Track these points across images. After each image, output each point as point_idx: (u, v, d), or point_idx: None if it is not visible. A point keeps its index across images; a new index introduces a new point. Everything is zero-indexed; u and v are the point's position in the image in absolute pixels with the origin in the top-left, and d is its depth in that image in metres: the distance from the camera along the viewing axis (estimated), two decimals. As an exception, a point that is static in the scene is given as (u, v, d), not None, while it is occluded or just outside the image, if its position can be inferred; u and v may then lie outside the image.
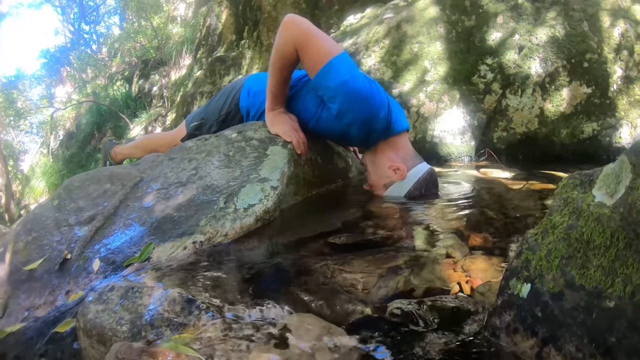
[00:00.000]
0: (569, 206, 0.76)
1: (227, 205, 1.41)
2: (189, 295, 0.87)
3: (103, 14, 18.36)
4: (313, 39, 1.67)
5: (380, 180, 1.88)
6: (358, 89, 1.67)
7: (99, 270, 1.26)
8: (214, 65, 6.64)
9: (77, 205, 1.58)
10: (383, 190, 1.87)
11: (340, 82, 1.65)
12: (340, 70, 1.65)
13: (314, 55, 1.67)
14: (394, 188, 1.84)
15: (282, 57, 1.73)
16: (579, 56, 3.29)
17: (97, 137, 11.57)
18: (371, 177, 1.92)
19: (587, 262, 0.69)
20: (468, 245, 1.21)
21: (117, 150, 2.96)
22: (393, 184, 1.84)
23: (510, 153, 3.37)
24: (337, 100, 1.70)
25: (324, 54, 1.66)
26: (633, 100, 3.38)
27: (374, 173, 1.90)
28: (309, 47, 1.67)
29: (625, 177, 0.70)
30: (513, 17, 3.43)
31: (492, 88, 3.36)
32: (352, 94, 1.67)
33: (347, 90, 1.66)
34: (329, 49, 1.67)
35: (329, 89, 1.69)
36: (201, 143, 1.83)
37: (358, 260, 1.08)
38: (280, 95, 1.85)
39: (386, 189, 1.86)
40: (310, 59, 1.69)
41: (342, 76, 1.65)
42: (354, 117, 1.73)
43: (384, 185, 1.87)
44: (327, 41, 1.70)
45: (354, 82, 1.66)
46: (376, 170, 1.89)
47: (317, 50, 1.67)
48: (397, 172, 1.83)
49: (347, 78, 1.65)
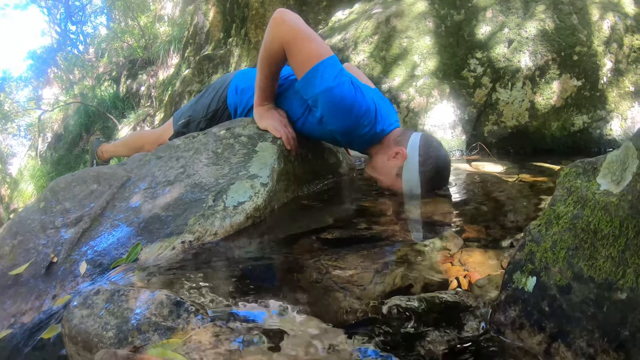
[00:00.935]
0: (573, 195, 0.73)
1: (216, 203, 1.37)
2: (177, 298, 0.83)
3: (89, 14, 18.20)
4: (300, 39, 1.62)
5: (390, 176, 1.80)
6: (342, 97, 1.61)
7: (86, 273, 1.22)
8: (201, 64, 6.58)
9: (64, 206, 1.54)
10: (400, 182, 1.77)
11: (324, 89, 1.60)
12: (325, 76, 1.60)
13: (300, 57, 1.62)
14: (406, 172, 1.75)
15: (270, 55, 1.68)
16: (569, 49, 3.29)
17: (85, 138, 11.48)
18: (382, 181, 1.84)
19: (595, 252, 0.66)
20: (465, 237, 1.18)
21: (103, 148, 2.94)
22: (402, 169, 1.75)
23: (501, 146, 3.36)
24: (320, 106, 1.65)
25: (310, 57, 1.61)
26: (623, 92, 3.39)
27: (381, 175, 1.83)
28: (296, 49, 1.62)
29: (632, 163, 0.67)
30: (502, 11, 3.42)
31: (482, 82, 3.34)
32: (334, 103, 1.62)
33: (330, 98, 1.61)
34: (316, 51, 1.61)
35: (313, 95, 1.64)
36: (189, 141, 1.79)
37: (352, 256, 1.05)
38: (269, 90, 1.81)
39: (401, 179, 1.76)
40: (296, 61, 1.64)
41: (326, 82, 1.60)
42: (337, 126, 1.69)
43: (397, 177, 1.77)
44: (315, 42, 1.64)
45: (339, 90, 1.61)
46: (381, 171, 1.82)
47: (303, 52, 1.62)
48: (398, 156, 1.76)
49: (332, 85, 1.60)
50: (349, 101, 1.62)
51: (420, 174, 1.73)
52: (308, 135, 1.90)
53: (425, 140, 1.78)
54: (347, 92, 1.62)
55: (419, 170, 1.72)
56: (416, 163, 1.73)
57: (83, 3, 17.84)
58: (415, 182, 1.74)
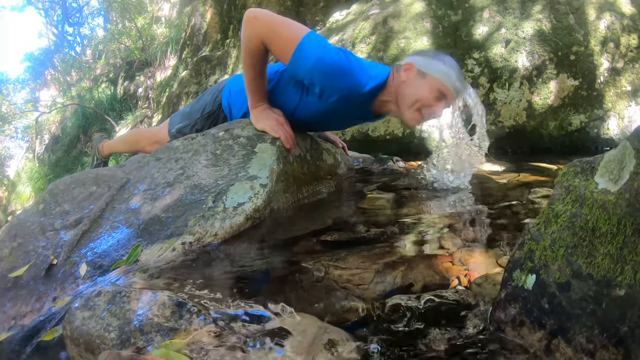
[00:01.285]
0: (571, 194, 0.74)
1: (216, 204, 1.37)
2: (179, 299, 0.84)
3: (87, 15, 18.13)
4: (277, 28, 1.66)
5: (419, 85, 1.76)
6: (333, 61, 1.65)
7: (86, 275, 1.22)
8: (199, 65, 6.58)
9: (63, 208, 1.54)
10: (432, 79, 1.75)
11: (314, 62, 1.64)
12: (312, 50, 1.63)
13: (282, 44, 1.66)
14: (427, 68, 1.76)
15: (252, 54, 1.71)
16: (566, 49, 3.31)
17: (83, 140, 11.46)
18: (420, 99, 1.77)
19: (593, 250, 0.67)
20: (463, 238, 1.19)
21: (104, 144, 2.98)
22: (422, 71, 1.76)
23: (499, 146, 3.37)
24: (316, 80, 1.69)
25: (291, 40, 1.64)
26: (620, 91, 3.41)
27: (413, 95, 1.77)
28: (275, 38, 1.66)
29: (629, 162, 0.68)
30: (499, 11, 3.43)
31: (479, 82, 3.35)
32: (329, 69, 1.66)
33: (323, 67, 1.65)
34: (294, 33, 1.65)
35: (306, 71, 1.68)
36: (188, 142, 1.80)
37: (352, 257, 1.05)
38: (260, 91, 1.82)
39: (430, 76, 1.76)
40: (279, 48, 1.67)
41: (314, 54, 1.63)
42: (339, 92, 1.72)
43: (424, 79, 1.76)
44: (291, 26, 1.69)
45: (328, 57, 1.65)
46: (409, 92, 1.78)
47: (283, 38, 1.65)
48: (408, 70, 1.78)
49: (320, 54, 1.64)
50: (342, 63, 1.67)
51: (436, 59, 1.78)
52: (313, 119, 1.91)
53: (416, 52, 1.81)
54: (335, 56, 1.66)
55: (432, 58, 1.78)
56: (424, 58, 1.79)
57: (80, 5, 17.79)
58: (440, 65, 1.76)
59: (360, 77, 1.72)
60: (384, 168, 2.43)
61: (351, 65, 1.69)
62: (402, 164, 2.51)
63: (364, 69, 1.74)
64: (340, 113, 1.87)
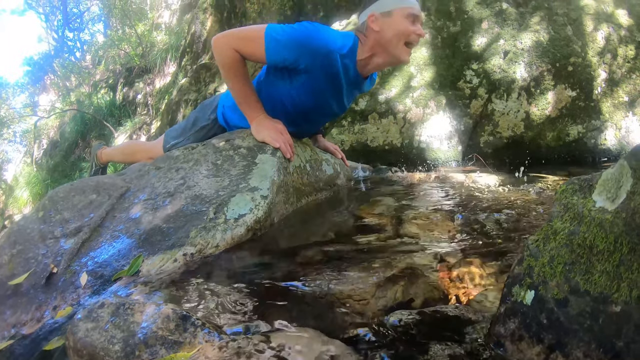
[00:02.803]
0: (569, 212, 0.75)
1: (217, 215, 1.38)
2: (183, 312, 0.84)
3: (87, 21, 18.19)
4: (240, 33, 1.82)
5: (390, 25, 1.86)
6: (302, 32, 1.77)
7: (87, 285, 1.22)
8: (198, 73, 6.58)
9: (63, 216, 1.55)
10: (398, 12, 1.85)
11: (286, 39, 1.75)
12: (279, 32, 1.75)
13: (251, 41, 1.78)
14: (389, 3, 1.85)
15: (230, 65, 1.82)
16: (564, 60, 3.33)
17: (81, 146, 11.45)
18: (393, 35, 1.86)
19: (591, 267, 0.68)
20: (462, 252, 1.20)
21: (103, 151, 3.01)
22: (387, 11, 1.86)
23: (497, 157, 3.39)
24: (297, 56, 1.79)
25: (257, 35, 1.76)
26: (617, 102, 3.43)
27: (392, 39, 1.86)
28: (243, 41, 1.79)
29: (626, 181, 0.69)
30: (498, 23, 3.46)
31: (478, 93, 3.38)
32: (302, 39, 1.77)
33: (296, 39, 1.76)
34: (257, 29, 1.78)
35: (285, 51, 1.77)
36: (188, 152, 1.81)
37: (354, 270, 1.06)
38: (252, 101, 1.88)
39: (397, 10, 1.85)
40: (251, 47, 1.78)
41: (283, 35, 1.75)
42: (321, 55, 1.81)
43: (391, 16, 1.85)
44: (252, 27, 1.83)
45: (296, 31, 1.77)
46: (385, 37, 1.87)
47: (250, 36, 1.78)
48: (372, 18, 1.86)
49: (287, 31, 1.76)
50: (309, 31, 1.79)
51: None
52: (312, 103, 1.97)
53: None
54: (300, 27, 1.79)
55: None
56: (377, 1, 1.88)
57: (81, 10, 17.85)
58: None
59: (329, 34, 1.84)
60: (382, 178, 2.45)
61: (316, 28, 1.81)
62: (400, 174, 2.52)
63: (328, 29, 1.87)
64: (334, 84, 1.94)
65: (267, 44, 1.75)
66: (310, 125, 2.20)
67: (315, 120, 2.16)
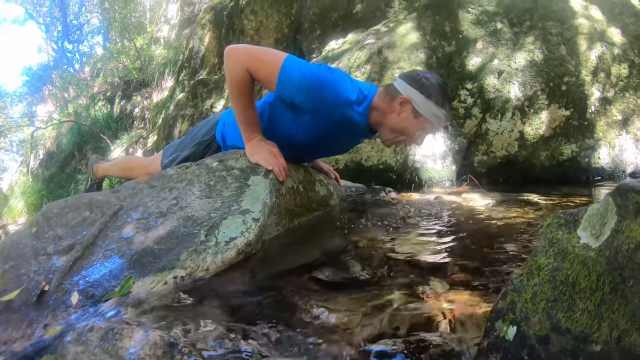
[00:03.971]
0: (554, 247, 0.76)
1: (208, 238, 1.38)
2: (170, 339, 0.84)
3: (87, 33, 18.33)
4: (258, 54, 1.74)
5: (413, 123, 1.87)
6: (317, 77, 1.73)
7: (78, 304, 1.22)
8: (196, 88, 6.62)
9: (56, 233, 1.55)
10: (424, 120, 1.86)
11: (300, 79, 1.71)
12: (295, 69, 1.71)
13: (265, 69, 1.73)
14: (421, 108, 1.84)
15: (238, 84, 1.77)
16: (557, 79, 3.36)
17: (78, 157, 11.45)
18: (409, 133, 1.90)
19: (573, 305, 0.69)
20: (452, 278, 1.20)
21: (99, 165, 3.02)
22: (415, 110, 1.85)
23: (490, 176, 3.40)
24: (305, 98, 1.76)
25: (273, 64, 1.71)
26: (611, 121, 3.45)
27: (406, 130, 1.89)
28: (258, 64, 1.73)
29: (611, 218, 0.70)
30: (492, 42, 3.49)
31: (472, 112, 3.40)
32: (315, 84, 1.73)
33: (309, 83, 1.72)
34: (275, 57, 1.72)
35: (295, 91, 1.74)
36: (182, 171, 1.81)
37: (342, 298, 1.06)
38: (252, 122, 1.86)
39: (422, 116, 1.85)
40: (263, 74, 1.74)
41: (299, 73, 1.70)
42: (328, 105, 1.78)
43: (417, 119, 1.86)
44: (270, 51, 1.77)
45: (312, 73, 1.72)
46: (403, 127, 1.88)
47: (266, 63, 1.73)
48: (403, 104, 1.85)
49: (304, 72, 1.71)
50: (325, 77, 1.74)
51: (432, 100, 1.83)
52: (318, 139, 1.96)
53: (408, 76, 1.89)
54: (317, 71, 1.74)
55: (429, 99, 1.83)
56: (421, 96, 1.83)
57: (81, 22, 17.98)
58: (434, 108, 1.84)
59: (346, 86, 1.80)
60: (376, 199, 2.45)
61: (334, 76, 1.77)
62: (394, 195, 2.53)
63: (347, 79, 1.83)
64: (339, 131, 1.92)
65: (280, 75, 1.71)
66: (309, 156, 2.21)
67: (314, 154, 2.18)
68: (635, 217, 0.67)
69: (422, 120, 1.85)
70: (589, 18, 3.63)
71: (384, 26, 4.14)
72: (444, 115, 1.85)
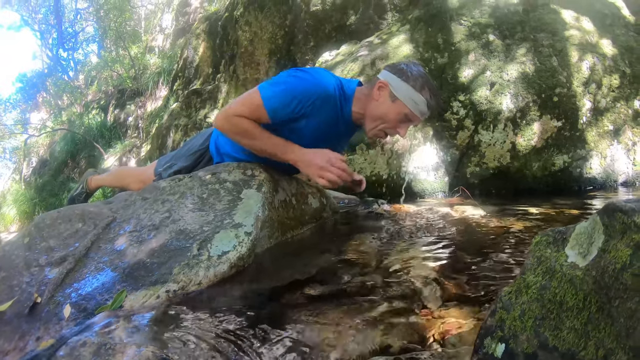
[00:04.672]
0: (542, 265, 0.77)
1: (200, 252, 1.39)
2: (163, 355, 0.85)
3: (82, 41, 18.31)
4: (238, 101, 1.82)
5: (390, 108, 1.87)
6: (298, 82, 1.78)
7: (70, 317, 1.22)
8: (190, 98, 6.63)
9: (48, 244, 1.55)
10: (401, 104, 1.86)
11: (286, 97, 1.76)
12: (276, 92, 1.76)
13: (250, 106, 1.78)
14: (398, 92, 1.85)
15: (245, 128, 1.80)
16: (549, 91, 3.38)
17: (71, 165, 11.41)
18: (388, 120, 1.90)
19: (560, 323, 0.69)
20: (444, 292, 1.21)
21: (94, 177, 3.05)
22: (393, 94, 1.86)
23: (483, 187, 3.41)
24: (298, 105, 1.78)
25: (255, 99, 1.77)
26: (602, 131, 3.48)
27: (384, 116, 1.89)
28: (242, 106, 1.79)
29: (598, 238, 0.71)
30: (484, 54, 3.52)
31: (464, 124, 3.41)
32: (300, 89, 1.77)
33: (295, 92, 1.76)
34: (252, 95, 1.79)
35: (288, 109, 1.78)
36: (175, 184, 1.81)
37: (333, 313, 1.07)
38: (280, 144, 1.84)
39: (400, 101, 1.86)
40: (251, 111, 1.78)
41: (281, 93, 1.76)
42: (317, 97, 1.80)
43: (395, 103, 1.87)
44: (245, 95, 1.82)
45: (291, 83, 1.78)
46: (380, 113, 1.89)
47: (249, 103, 1.79)
48: (381, 88, 1.88)
49: (284, 88, 1.77)
50: (304, 78, 1.80)
51: (409, 84, 1.84)
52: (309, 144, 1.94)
53: (391, 65, 1.93)
54: (296, 78, 1.80)
55: (406, 82, 1.84)
56: (398, 79, 1.86)
57: (76, 30, 17.97)
58: (412, 92, 1.84)
59: (322, 77, 1.84)
60: (369, 211, 2.46)
61: (308, 72, 1.83)
62: (387, 207, 2.54)
63: (321, 71, 1.89)
64: (332, 126, 1.94)
65: (267, 107, 1.75)
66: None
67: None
68: (622, 237, 0.68)
69: (399, 104, 1.85)
70: (580, 29, 3.66)
71: (377, 38, 4.17)
72: (423, 102, 1.85)
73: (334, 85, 1.85)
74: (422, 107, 1.86)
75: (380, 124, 1.91)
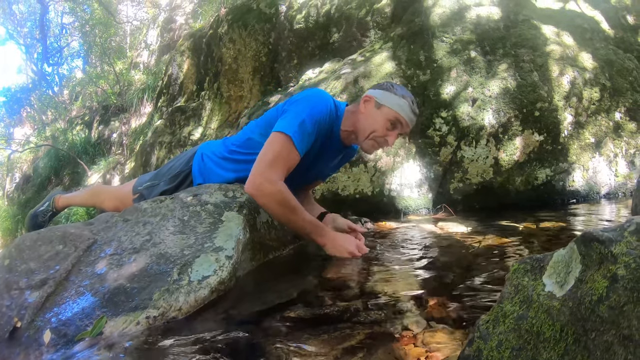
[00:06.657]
0: (519, 294, 0.76)
1: (181, 277, 1.37)
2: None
3: (67, 56, 18.21)
4: (272, 161, 1.79)
5: (376, 116, 1.94)
6: (311, 108, 1.84)
7: (50, 343, 1.20)
8: (174, 115, 6.61)
9: (28, 266, 1.52)
10: (387, 110, 1.92)
11: (312, 128, 1.83)
12: (301, 130, 1.80)
13: (286, 157, 1.80)
14: (383, 99, 1.93)
15: (285, 200, 1.78)
16: (530, 105, 3.42)
17: (54, 182, 11.29)
18: (375, 129, 1.95)
19: (537, 354, 0.69)
20: (427, 315, 1.20)
21: (62, 196, 2.97)
22: (378, 102, 1.94)
23: (466, 203, 3.43)
24: (316, 130, 1.85)
25: (287, 146, 1.79)
26: (584, 144, 3.52)
27: (371, 126, 1.95)
28: (279, 162, 1.79)
29: (575, 267, 0.71)
30: (466, 71, 3.55)
31: (447, 140, 3.44)
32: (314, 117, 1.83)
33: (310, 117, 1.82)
34: (282, 143, 1.80)
35: (309, 141, 1.85)
36: (156, 205, 1.80)
37: (314, 340, 1.06)
38: (315, 225, 1.88)
39: (386, 107, 1.93)
40: (291, 161, 1.82)
41: (305, 126, 1.80)
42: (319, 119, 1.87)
43: (380, 110, 1.93)
44: (275, 146, 1.81)
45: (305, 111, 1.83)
46: (367, 123, 1.95)
47: (283, 155, 1.80)
48: (365, 102, 1.96)
49: (301, 116, 1.81)
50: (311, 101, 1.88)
51: (392, 92, 1.94)
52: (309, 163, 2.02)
53: (376, 85, 2.03)
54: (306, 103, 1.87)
55: (388, 91, 1.94)
56: (381, 91, 1.95)
57: (61, 45, 17.87)
58: (395, 98, 1.93)
59: (320, 97, 1.91)
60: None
61: (308, 96, 1.89)
62: (370, 225, 2.54)
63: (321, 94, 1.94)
64: (324, 146, 2.00)
65: (300, 150, 1.80)
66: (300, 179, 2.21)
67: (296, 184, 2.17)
68: (599, 267, 0.68)
69: (386, 110, 1.92)
70: (560, 44, 3.72)
71: (360, 55, 4.20)
72: (408, 106, 1.92)
73: (331, 102, 1.93)
74: (408, 110, 1.93)
75: (371, 134, 1.96)
